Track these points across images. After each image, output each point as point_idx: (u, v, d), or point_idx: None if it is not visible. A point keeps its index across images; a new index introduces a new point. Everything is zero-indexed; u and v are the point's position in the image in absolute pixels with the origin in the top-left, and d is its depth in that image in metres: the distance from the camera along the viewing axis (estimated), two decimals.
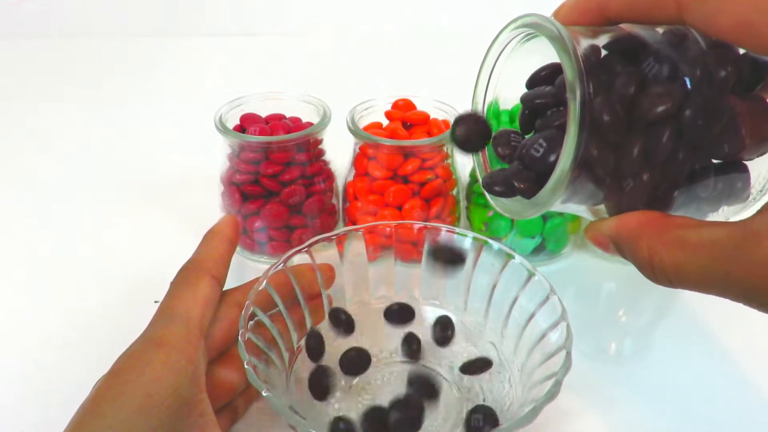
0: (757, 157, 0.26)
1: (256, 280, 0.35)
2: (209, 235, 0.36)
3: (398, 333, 0.39)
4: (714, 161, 0.26)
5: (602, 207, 0.27)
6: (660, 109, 0.24)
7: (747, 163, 0.27)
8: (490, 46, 0.30)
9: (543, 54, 0.27)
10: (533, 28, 0.27)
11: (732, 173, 0.27)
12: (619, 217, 0.25)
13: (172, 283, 0.33)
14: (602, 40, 0.26)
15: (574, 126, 0.23)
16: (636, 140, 0.24)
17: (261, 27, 0.96)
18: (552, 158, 0.25)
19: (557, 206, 0.27)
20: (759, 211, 0.22)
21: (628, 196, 0.26)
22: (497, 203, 0.29)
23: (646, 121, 0.24)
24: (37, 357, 0.40)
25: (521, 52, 0.29)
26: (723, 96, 0.25)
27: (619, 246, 0.25)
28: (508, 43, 0.29)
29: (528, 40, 0.28)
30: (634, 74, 0.25)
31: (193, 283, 0.32)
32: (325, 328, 0.38)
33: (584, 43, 0.25)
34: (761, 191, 0.28)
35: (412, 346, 0.38)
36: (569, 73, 0.24)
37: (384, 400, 0.35)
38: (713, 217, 0.28)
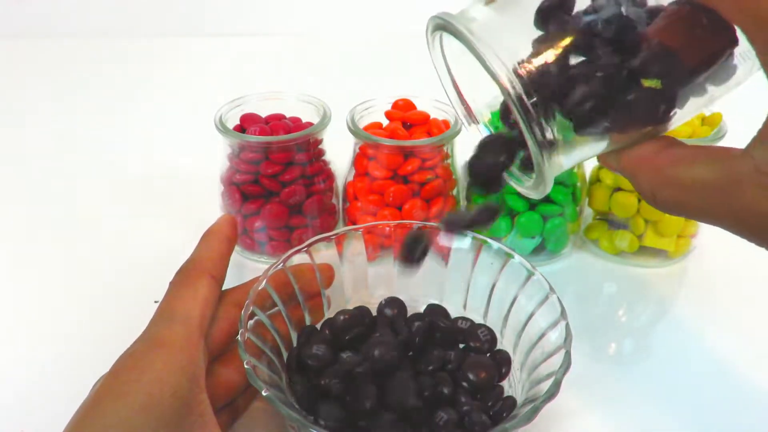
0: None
1: (256, 279, 0.35)
2: (207, 235, 0.36)
3: None
4: None
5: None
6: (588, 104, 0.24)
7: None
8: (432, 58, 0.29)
9: None
10: (443, 30, 0.26)
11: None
12: (622, 156, 0.27)
13: (172, 283, 0.33)
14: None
15: (523, 124, 0.24)
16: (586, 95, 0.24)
17: (261, 27, 0.96)
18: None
19: (573, 161, 0.27)
20: (742, 153, 0.23)
21: (615, 141, 0.27)
22: (519, 186, 0.29)
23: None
24: (38, 357, 0.40)
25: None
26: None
27: (626, 178, 0.28)
28: (442, 45, 0.28)
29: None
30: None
31: (193, 282, 0.32)
32: None
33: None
34: (744, 58, 0.26)
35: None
36: (492, 76, 0.24)
37: None
38: (703, 98, 0.27)
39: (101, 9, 0.94)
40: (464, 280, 0.39)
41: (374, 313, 0.39)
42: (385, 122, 0.49)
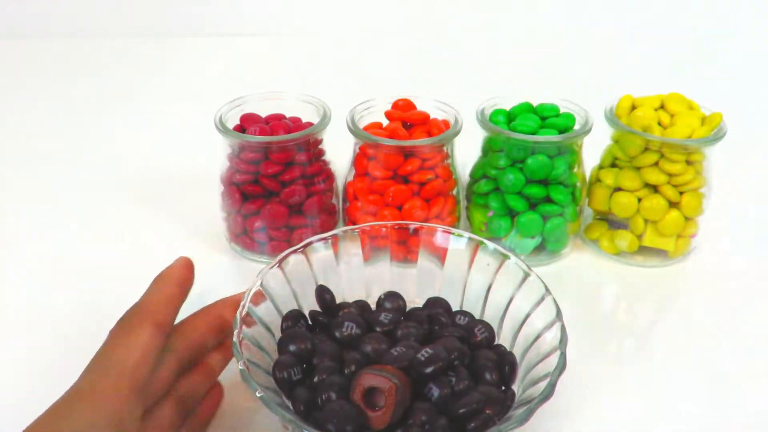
0: None
1: (239, 295, 0.35)
2: (157, 279, 0.35)
3: None
4: None
5: None
6: None
7: None
8: None
9: None
10: None
11: None
12: None
13: (111, 332, 0.32)
14: None
15: None
16: None
17: (261, 27, 0.96)
18: None
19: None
20: None
21: None
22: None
23: None
24: (38, 357, 0.40)
25: None
26: None
27: None
28: None
29: None
30: None
31: (133, 330, 0.31)
32: None
33: None
34: None
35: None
36: None
37: None
38: None
39: (101, 9, 0.95)
40: (460, 280, 0.39)
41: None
42: (385, 122, 0.49)
